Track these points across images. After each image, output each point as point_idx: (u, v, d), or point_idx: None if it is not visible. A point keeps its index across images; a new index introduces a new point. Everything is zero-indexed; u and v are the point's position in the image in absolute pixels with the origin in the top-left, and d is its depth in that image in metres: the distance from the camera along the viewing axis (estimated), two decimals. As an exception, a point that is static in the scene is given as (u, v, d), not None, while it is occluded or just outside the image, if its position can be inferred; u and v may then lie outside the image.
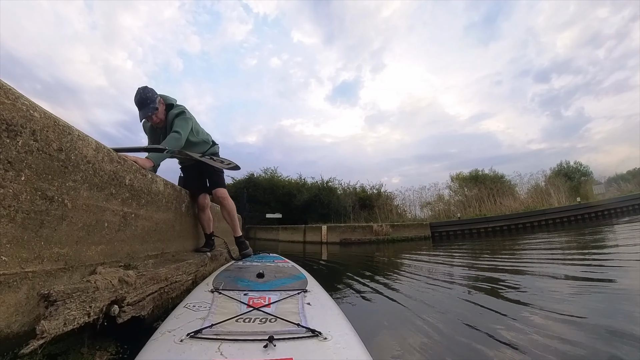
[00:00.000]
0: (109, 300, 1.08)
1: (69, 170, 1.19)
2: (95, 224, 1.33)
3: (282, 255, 3.61)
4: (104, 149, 1.39)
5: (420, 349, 1.60)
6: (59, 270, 1.16)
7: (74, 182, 1.22)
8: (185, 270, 1.86)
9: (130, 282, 1.18)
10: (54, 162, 1.13)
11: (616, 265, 3.53)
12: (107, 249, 1.41)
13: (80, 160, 1.25)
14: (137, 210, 1.63)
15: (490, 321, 1.95)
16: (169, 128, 2.22)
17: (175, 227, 2.18)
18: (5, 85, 0.93)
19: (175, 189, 2.22)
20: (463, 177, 17.57)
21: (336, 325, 1.17)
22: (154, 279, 1.42)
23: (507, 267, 4.12)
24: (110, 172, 1.42)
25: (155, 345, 0.97)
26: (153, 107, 2.08)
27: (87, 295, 1.00)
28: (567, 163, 18.89)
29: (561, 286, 2.76)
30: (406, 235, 11.78)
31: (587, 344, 1.52)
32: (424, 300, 2.61)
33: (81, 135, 1.26)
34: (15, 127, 0.94)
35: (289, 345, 0.97)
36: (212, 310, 1.29)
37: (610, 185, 14.74)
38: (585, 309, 2.06)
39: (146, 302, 1.32)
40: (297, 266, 2.67)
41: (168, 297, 1.60)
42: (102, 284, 1.06)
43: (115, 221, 1.45)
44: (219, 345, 0.95)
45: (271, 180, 18.73)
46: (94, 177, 1.32)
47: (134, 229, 1.61)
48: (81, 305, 0.97)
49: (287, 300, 1.46)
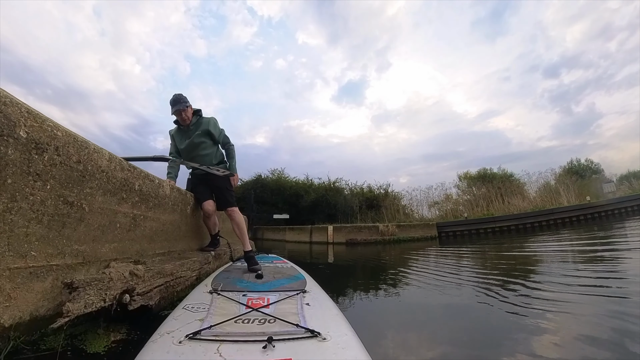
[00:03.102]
0: (121, 289, 1.27)
1: (86, 179, 1.39)
2: (109, 225, 1.52)
3: (287, 256, 3.64)
4: (116, 159, 1.58)
5: (420, 350, 1.59)
6: (78, 264, 1.35)
7: (91, 189, 1.41)
8: (190, 267, 2.05)
9: (139, 275, 1.36)
10: (74, 173, 1.32)
11: (628, 264, 3.40)
12: (119, 246, 1.60)
13: (95, 170, 1.44)
14: (145, 213, 1.83)
15: (492, 322, 1.93)
16: (195, 130, 2.68)
17: (181, 228, 2.38)
18: (34, 111, 1.12)
19: (181, 193, 2.41)
20: (471, 176, 17.43)
21: (335, 325, 1.17)
22: (161, 273, 1.61)
23: (512, 268, 4.04)
24: (122, 179, 1.61)
25: (154, 347, 0.97)
26: (184, 104, 2.59)
27: (103, 284, 1.19)
28: (578, 161, 18.50)
29: (571, 287, 2.67)
30: (412, 235, 11.78)
31: (600, 346, 1.47)
32: (425, 301, 2.60)
33: (96, 148, 1.46)
34: (42, 145, 1.13)
35: (288, 346, 0.97)
36: (211, 312, 1.29)
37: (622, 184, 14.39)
38: (595, 309, 2.01)
39: (154, 293, 1.51)
40: (296, 267, 2.68)
41: (174, 290, 1.79)
42: (115, 275, 1.24)
43: (126, 222, 1.65)
44: (218, 346, 0.95)
45: (278, 181, 18.95)
46: (108, 184, 1.51)
47: (143, 229, 1.80)
48: (98, 292, 1.15)
49: (286, 300, 1.46)
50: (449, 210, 15.68)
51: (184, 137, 2.74)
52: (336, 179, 18.33)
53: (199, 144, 2.69)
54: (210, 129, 2.70)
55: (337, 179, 18.33)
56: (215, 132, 2.74)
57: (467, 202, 15.85)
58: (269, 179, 19.10)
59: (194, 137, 2.67)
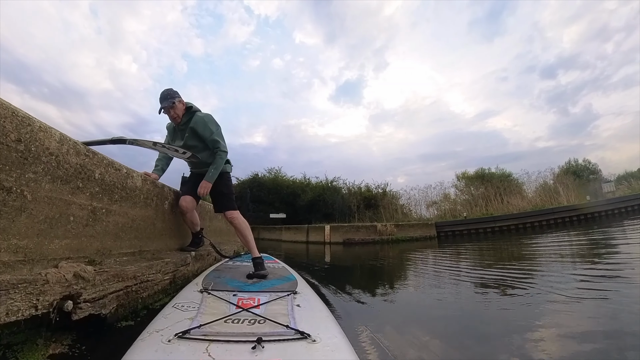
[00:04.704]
0: (60, 294, 1.05)
1: (28, 162, 1.17)
2: (59, 218, 1.31)
3: (283, 256, 3.56)
4: (70, 141, 1.37)
5: (411, 352, 1.55)
6: (17, 262, 1.14)
7: (35, 174, 1.20)
8: (160, 269, 1.83)
9: (86, 278, 1.15)
10: (12, 153, 1.11)
11: (625, 262, 3.46)
12: (74, 243, 1.38)
13: (41, 152, 1.23)
14: (108, 206, 1.61)
15: (491, 324, 1.89)
16: (188, 127, 2.33)
17: (156, 225, 2.16)
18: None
19: (156, 186, 2.20)
20: (469, 176, 17.29)
21: (325, 327, 1.17)
22: (119, 276, 1.39)
23: (513, 268, 4.01)
24: (77, 165, 1.40)
25: (142, 345, 0.96)
26: (171, 101, 2.25)
27: (34, 287, 0.98)
28: (576, 161, 18.48)
29: (570, 285, 2.71)
30: (411, 235, 11.62)
31: (595, 345, 1.48)
32: (418, 302, 2.56)
33: (43, 127, 1.25)
34: (-41, 116, 0.92)
35: (278, 347, 0.97)
36: (200, 311, 1.29)
37: (621, 183, 14.31)
38: (592, 308, 2.04)
39: (108, 300, 1.29)
40: (287, 267, 2.66)
41: (137, 297, 1.57)
42: (53, 277, 1.03)
43: (83, 215, 1.43)
44: (207, 346, 0.95)
45: (275, 180, 18.75)
46: (58, 170, 1.30)
47: (105, 224, 1.59)
48: (27, 297, 0.94)
49: (277, 301, 1.46)
50: (448, 209, 15.53)
51: (177, 137, 2.40)
52: (334, 178, 18.16)
53: (191, 147, 2.33)
54: (197, 130, 2.29)
55: (335, 178, 18.16)
56: (205, 133, 2.30)
57: (466, 201, 15.71)
58: (265, 178, 18.90)
59: (186, 139, 2.32)
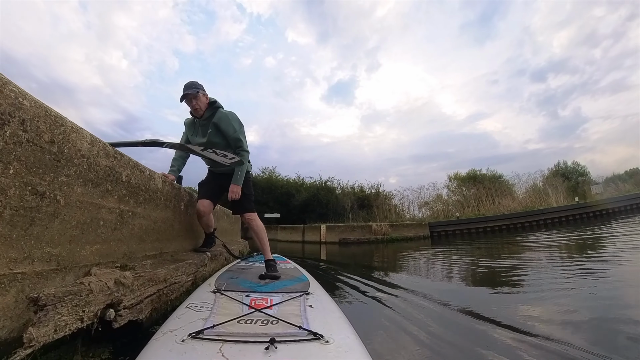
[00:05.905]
0: (104, 303, 1.00)
1: (61, 164, 1.12)
2: (90, 222, 1.25)
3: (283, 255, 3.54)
4: (100, 143, 1.31)
5: (423, 352, 1.55)
6: (51, 272, 1.08)
7: (67, 177, 1.14)
8: (185, 271, 1.79)
9: (127, 284, 1.10)
10: (46, 155, 1.05)
11: (613, 259, 3.66)
12: (103, 248, 1.33)
13: (74, 153, 1.17)
14: (134, 208, 1.56)
15: (494, 322, 1.90)
16: (211, 122, 2.24)
17: (174, 226, 2.10)
18: (-9, 70, 0.85)
19: (174, 187, 2.14)
20: (461, 177, 17.58)
21: (338, 328, 1.16)
22: (152, 280, 1.35)
23: (506, 266, 4.10)
24: (106, 168, 1.34)
25: (156, 345, 0.96)
26: (195, 90, 2.16)
27: (80, 298, 0.92)
28: (565, 163, 18.98)
29: (559, 281, 2.86)
30: (405, 235, 11.75)
31: (585, 341, 1.54)
32: (426, 302, 2.54)
33: (75, 128, 1.19)
34: (3, 116, 0.86)
35: (290, 347, 0.96)
36: (214, 311, 1.28)
37: (609, 185, 14.82)
38: (581, 302, 2.17)
39: (144, 304, 1.25)
40: (300, 268, 2.64)
41: (167, 299, 1.52)
42: (96, 286, 0.98)
43: (112, 219, 1.38)
44: (221, 346, 0.94)
45: (269, 179, 18.62)
46: (89, 172, 1.24)
47: (131, 227, 1.53)
48: (73, 310, 0.89)
49: (289, 302, 1.45)
50: (440, 210, 15.76)
51: (197, 133, 2.29)
52: (328, 178, 18.17)
53: (215, 144, 2.22)
54: (221, 126, 2.20)
55: (329, 179, 18.17)
56: (228, 130, 2.20)
57: (458, 202, 15.98)
58: (259, 178, 18.72)
59: (209, 135, 2.21)
